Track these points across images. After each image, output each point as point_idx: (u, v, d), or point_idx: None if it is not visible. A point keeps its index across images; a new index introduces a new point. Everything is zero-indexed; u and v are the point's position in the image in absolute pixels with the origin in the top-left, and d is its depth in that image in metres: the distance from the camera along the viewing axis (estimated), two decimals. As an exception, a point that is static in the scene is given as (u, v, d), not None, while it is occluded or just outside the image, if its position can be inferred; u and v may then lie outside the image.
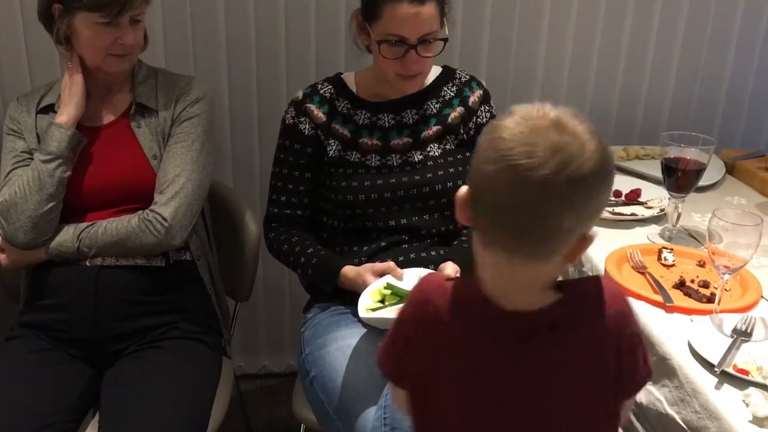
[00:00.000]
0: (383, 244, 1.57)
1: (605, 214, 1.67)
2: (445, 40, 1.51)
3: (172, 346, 1.50)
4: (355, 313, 1.41)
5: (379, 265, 1.47)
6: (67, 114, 1.50)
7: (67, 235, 1.49)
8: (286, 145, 1.61)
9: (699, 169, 1.53)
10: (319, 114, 1.58)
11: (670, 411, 1.15)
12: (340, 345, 1.46)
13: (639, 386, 0.99)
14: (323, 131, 1.58)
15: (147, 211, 1.49)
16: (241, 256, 1.70)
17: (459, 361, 0.92)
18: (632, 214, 1.67)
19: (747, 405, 1.05)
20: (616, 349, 0.93)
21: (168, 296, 1.53)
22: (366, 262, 1.55)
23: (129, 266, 1.50)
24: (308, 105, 1.59)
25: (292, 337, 2.23)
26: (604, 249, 1.50)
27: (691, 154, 1.52)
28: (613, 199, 1.75)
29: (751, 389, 1.07)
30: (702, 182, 1.85)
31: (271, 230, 1.63)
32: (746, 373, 1.11)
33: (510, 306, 0.90)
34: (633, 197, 1.77)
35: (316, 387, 1.46)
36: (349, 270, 1.50)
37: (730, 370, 1.12)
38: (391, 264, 1.46)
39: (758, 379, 1.09)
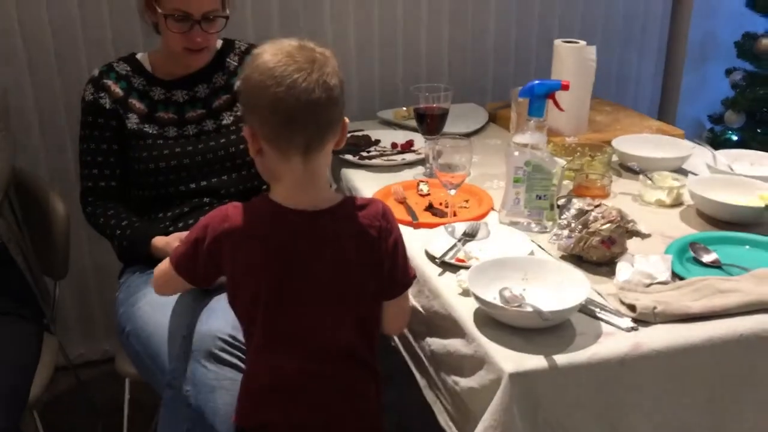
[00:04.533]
0: (186, 209, 1.75)
1: (380, 161, 1.94)
2: (226, 17, 1.71)
3: (-12, 322, 1.61)
4: None
5: (186, 233, 1.65)
6: None
7: None
8: (89, 121, 1.73)
9: (443, 113, 1.82)
10: (116, 89, 1.73)
11: (414, 302, 1.42)
12: (149, 300, 1.62)
13: (402, 288, 1.26)
14: (121, 105, 1.73)
15: (-54, 199, 1.59)
16: (51, 237, 1.82)
17: (255, 255, 1.16)
18: (402, 159, 1.95)
19: (459, 284, 1.32)
20: (377, 252, 1.19)
21: (-20, 278, 1.64)
22: (171, 226, 1.72)
23: (-65, 255, 1.60)
24: (105, 81, 1.73)
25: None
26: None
27: (435, 101, 1.80)
28: (389, 149, 2.03)
29: (462, 271, 1.35)
30: (468, 129, 2.18)
31: (88, 204, 1.75)
32: (463, 261, 1.40)
33: (299, 207, 1.15)
34: (407, 147, 2.04)
35: (131, 340, 1.62)
36: (158, 240, 1.66)
37: (453, 261, 1.40)
38: None
39: (470, 263, 1.37)
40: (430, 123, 1.82)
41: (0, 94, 1.71)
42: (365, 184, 1.83)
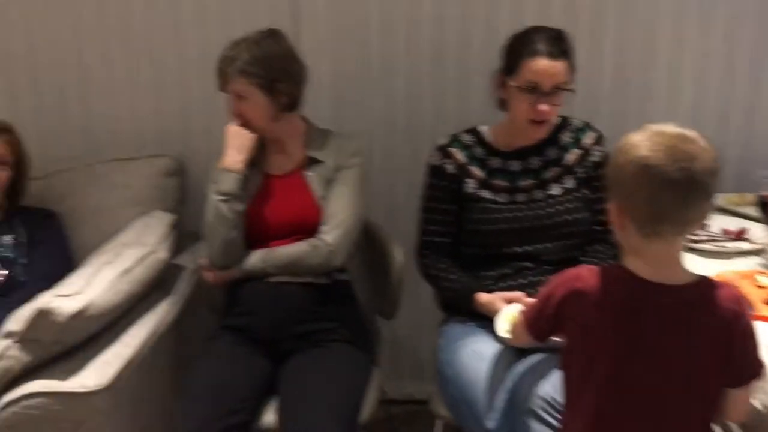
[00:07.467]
0: (509, 270, 1.85)
1: (710, 247, 1.87)
2: (572, 90, 1.80)
3: (334, 347, 1.86)
4: (484, 326, 1.70)
5: (509, 294, 1.75)
6: (232, 160, 1.91)
7: (255, 258, 1.91)
8: (433, 183, 1.94)
9: (792, 203, 1.70)
10: (459, 156, 1.92)
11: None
12: (470, 349, 1.74)
13: (749, 378, 1.21)
14: (462, 171, 1.91)
15: (315, 238, 1.89)
16: (388, 281, 2.05)
17: (602, 320, 1.19)
18: (735, 248, 1.85)
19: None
20: (729, 336, 1.17)
21: (330, 307, 1.91)
22: (493, 285, 1.83)
23: (300, 283, 1.90)
24: (451, 149, 1.93)
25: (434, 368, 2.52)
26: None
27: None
28: (719, 235, 1.94)
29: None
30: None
31: (424, 256, 1.95)
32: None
33: (657, 279, 1.18)
34: (739, 235, 1.94)
35: (450, 385, 1.75)
36: (482, 296, 1.79)
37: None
38: (520, 294, 1.74)
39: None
40: (776, 212, 1.71)
41: (363, 155, 2.01)
42: (692, 268, 1.76)
